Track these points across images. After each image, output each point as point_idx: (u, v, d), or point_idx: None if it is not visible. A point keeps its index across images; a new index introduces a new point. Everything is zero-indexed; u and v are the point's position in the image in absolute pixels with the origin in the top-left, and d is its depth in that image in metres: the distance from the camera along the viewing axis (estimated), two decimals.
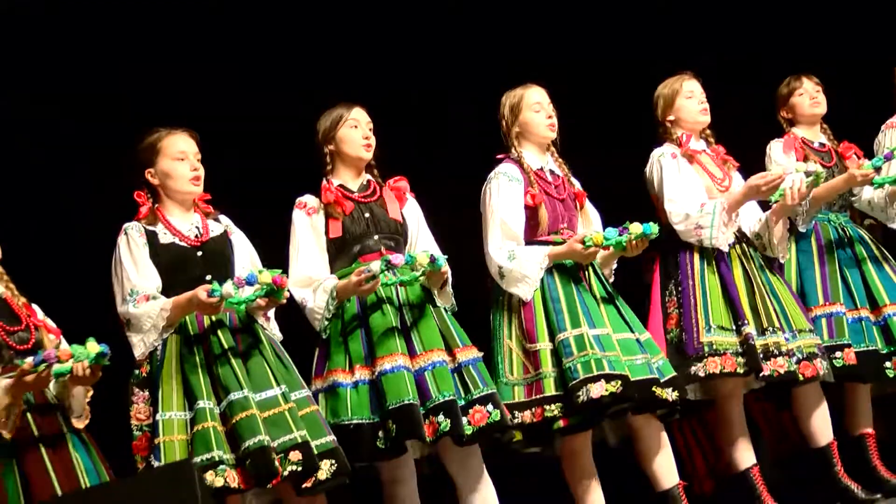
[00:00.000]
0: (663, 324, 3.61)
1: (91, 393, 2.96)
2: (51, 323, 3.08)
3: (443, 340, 3.15)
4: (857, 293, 3.74)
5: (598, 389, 3.06)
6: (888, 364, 3.65)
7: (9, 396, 2.71)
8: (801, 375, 3.46)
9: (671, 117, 3.81)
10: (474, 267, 3.65)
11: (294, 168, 4.74)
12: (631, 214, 3.93)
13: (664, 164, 3.66)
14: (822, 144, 3.90)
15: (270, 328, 3.19)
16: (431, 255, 3.18)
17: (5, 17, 5.06)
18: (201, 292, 2.96)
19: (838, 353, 3.68)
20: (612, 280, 3.53)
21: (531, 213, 3.41)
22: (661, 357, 3.36)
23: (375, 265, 3.15)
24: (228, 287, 2.93)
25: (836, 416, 3.88)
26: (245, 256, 3.27)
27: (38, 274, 4.01)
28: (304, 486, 2.92)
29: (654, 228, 3.34)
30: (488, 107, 6.23)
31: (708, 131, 3.95)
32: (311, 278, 3.19)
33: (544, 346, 3.22)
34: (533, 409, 3.17)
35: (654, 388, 3.19)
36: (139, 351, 3.00)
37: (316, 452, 2.94)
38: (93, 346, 2.76)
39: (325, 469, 2.92)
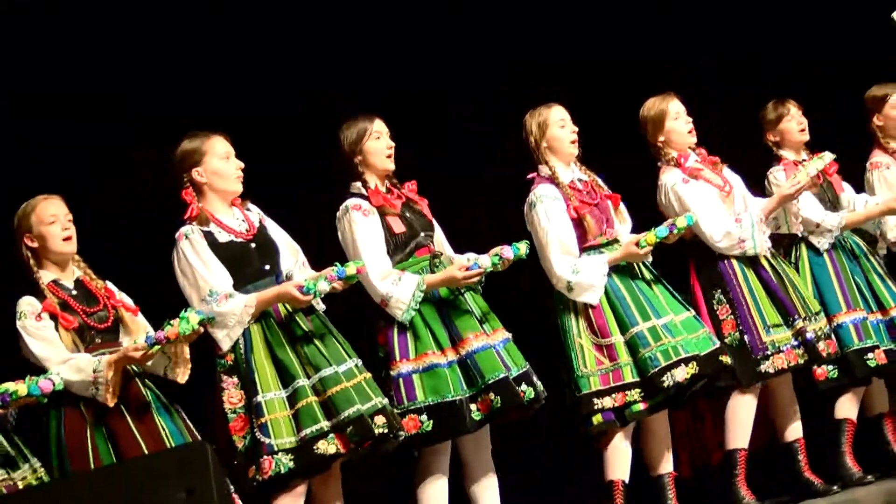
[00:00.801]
0: (716, 330, 3.95)
1: (188, 350, 3.22)
2: (129, 301, 3.38)
3: (499, 322, 3.58)
4: (868, 296, 4.10)
5: (681, 374, 3.52)
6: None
7: (111, 370, 3.05)
8: (829, 351, 3.84)
9: (662, 138, 4.11)
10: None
11: (294, 167, 4.75)
12: (632, 210, 4.28)
13: (680, 191, 3.95)
14: (805, 161, 4.26)
15: (320, 305, 3.48)
16: (527, 243, 3.54)
17: (5, 17, 5.05)
18: (294, 290, 3.27)
19: (870, 354, 4.01)
20: (650, 259, 3.91)
21: (576, 224, 3.75)
22: (707, 329, 3.78)
23: (486, 260, 3.52)
24: (323, 284, 3.26)
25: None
26: (283, 239, 3.56)
27: None
28: (388, 447, 3.31)
29: (694, 218, 3.76)
30: (488, 107, 6.24)
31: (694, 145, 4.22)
32: (388, 271, 3.48)
33: (618, 339, 3.63)
34: (614, 395, 3.57)
35: (720, 357, 3.63)
36: (226, 345, 3.28)
37: (395, 415, 3.32)
38: (194, 318, 3.10)
39: (380, 425, 3.27)
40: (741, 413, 3.90)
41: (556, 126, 3.95)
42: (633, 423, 3.74)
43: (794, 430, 4.01)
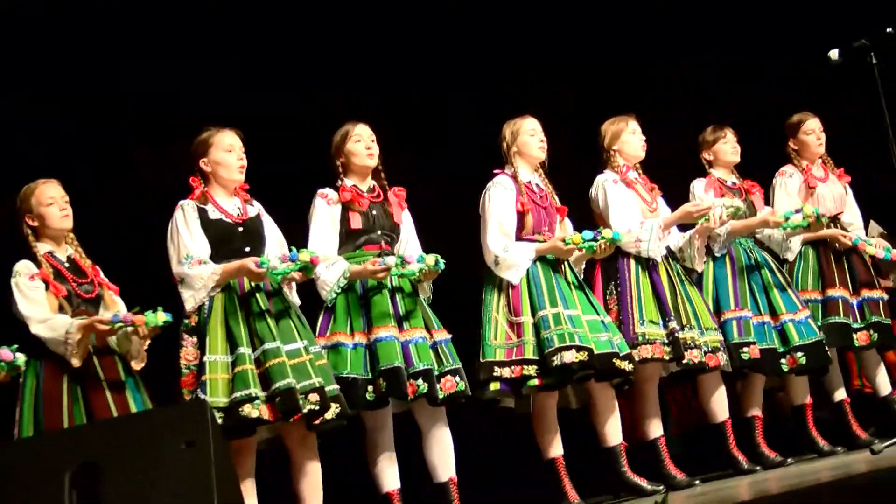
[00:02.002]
0: None
1: (148, 343, 3.64)
2: (109, 282, 3.77)
3: (423, 321, 3.89)
4: (761, 302, 4.57)
5: (569, 356, 3.88)
6: (783, 360, 4.50)
7: (80, 333, 3.43)
8: (707, 365, 4.27)
9: (616, 147, 4.52)
10: (472, 261, 4.33)
11: (294, 167, 4.75)
12: None
13: (608, 188, 4.42)
14: (734, 183, 4.74)
15: (292, 295, 3.84)
16: (437, 258, 3.89)
17: (5, 17, 5.06)
18: (251, 263, 3.60)
19: (745, 349, 4.46)
20: (581, 275, 4.37)
21: (520, 217, 4.17)
22: (620, 336, 4.17)
23: (391, 259, 3.85)
24: (275, 261, 3.60)
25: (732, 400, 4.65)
26: (273, 234, 3.89)
27: None
28: (315, 422, 3.57)
29: (620, 236, 4.16)
30: (488, 107, 6.25)
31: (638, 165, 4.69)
32: (327, 256, 3.85)
33: (527, 319, 4.02)
34: (513, 368, 3.97)
35: (614, 360, 4.02)
36: (189, 305, 3.63)
37: (328, 396, 3.59)
38: (161, 316, 3.51)
39: (332, 411, 3.58)
40: (716, 392, 4.46)
41: (527, 134, 4.32)
42: (551, 405, 4.11)
43: (656, 430, 4.37)
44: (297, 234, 4.08)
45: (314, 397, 3.54)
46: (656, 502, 3.04)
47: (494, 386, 3.99)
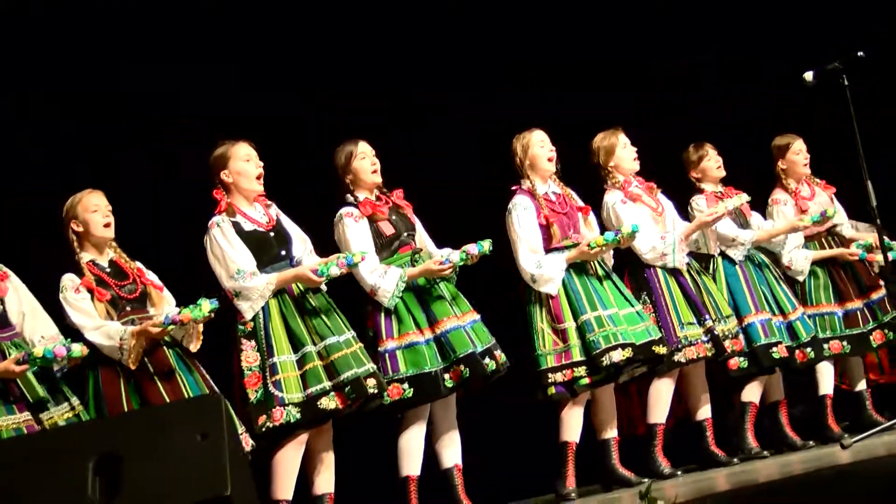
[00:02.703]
0: None
1: (202, 327, 3.88)
2: (156, 280, 4.01)
3: (469, 306, 4.27)
4: (771, 303, 4.92)
5: (617, 356, 4.26)
6: (796, 355, 4.84)
7: (134, 339, 3.70)
8: (734, 347, 4.68)
9: (612, 164, 4.81)
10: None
11: (293, 166, 4.76)
12: None
13: (618, 210, 4.73)
14: (721, 192, 5.11)
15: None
16: (490, 242, 4.22)
17: (5, 17, 5.06)
18: (309, 272, 3.92)
19: (774, 349, 4.79)
20: (611, 264, 4.67)
21: (545, 229, 4.46)
22: (650, 322, 4.53)
23: (456, 256, 4.21)
24: (334, 269, 3.91)
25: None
26: (295, 232, 4.18)
27: (40, 272, 4.08)
28: (374, 406, 3.96)
29: (638, 227, 4.50)
30: (488, 107, 6.26)
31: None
32: (376, 266, 4.15)
33: (570, 325, 4.36)
34: (564, 372, 4.32)
35: (653, 348, 4.37)
36: (249, 315, 3.90)
37: (384, 380, 3.98)
38: (205, 306, 3.73)
39: (371, 386, 3.90)
40: (661, 394, 4.65)
41: (537, 146, 4.57)
42: (586, 396, 4.44)
43: (704, 411, 4.76)
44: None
45: (371, 382, 3.90)
46: (640, 492, 3.25)
47: (551, 390, 4.35)
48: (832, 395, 5.11)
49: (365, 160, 4.35)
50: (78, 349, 3.67)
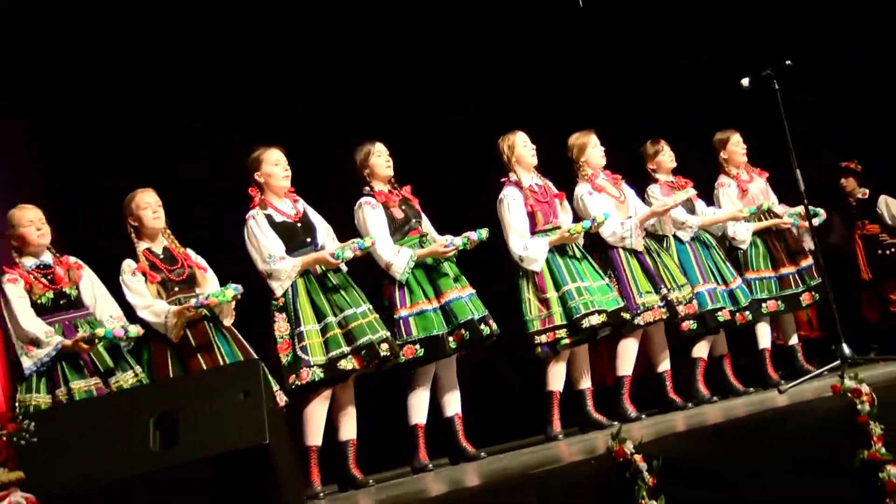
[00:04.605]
0: None
1: (234, 304, 4.49)
2: (202, 262, 4.63)
3: (465, 281, 4.95)
4: (715, 274, 5.69)
5: (595, 319, 5.02)
6: (736, 318, 5.58)
7: (175, 317, 4.36)
8: (687, 311, 5.42)
9: (583, 159, 5.52)
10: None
11: (293, 165, 4.78)
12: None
13: (586, 200, 5.47)
14: (673, 182, 5.84)
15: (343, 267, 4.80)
16: (487, 230, 4.94)
17: (5, 17, 5.08)
18: (328, 256, 4.58)
19: (719, 313, 5.54)
20: (583, 243, 5.44)
21: (530, 216, 5.17)
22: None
23: (458, 240, 4.89)
24: (348, 253, 4.54)
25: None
26: (320, 223, 4.80)
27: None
28: (386, 365, 4.60)
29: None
30: (488, 106, 6.28)
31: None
32: (391, 246, 4.84)
33: (552, 294, 5.10)
34: (547, 334, 5.05)
35: (622, 313, 5.16)
36: (279, 292, 4.56)
37: (396, 345, 4.65)
38: (228, 292, 4.39)
39: (384, 350, 4.56)
40: (627, 351, 5.38)
41: (521, 146, 5.25)
42: (567, 353, 5.19)
43: (664, 365, 5.51)
44: None
45: (385, 346, 4.56)
46: (612, 434, 3.61)
47: (537, 350, 5.07)
48: (770, 348, 5.86)
49: (381, 157, 4.98)
50: (134, 330, 4.29)
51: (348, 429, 4.68)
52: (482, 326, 4.80)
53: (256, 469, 3.15)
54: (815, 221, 5.48)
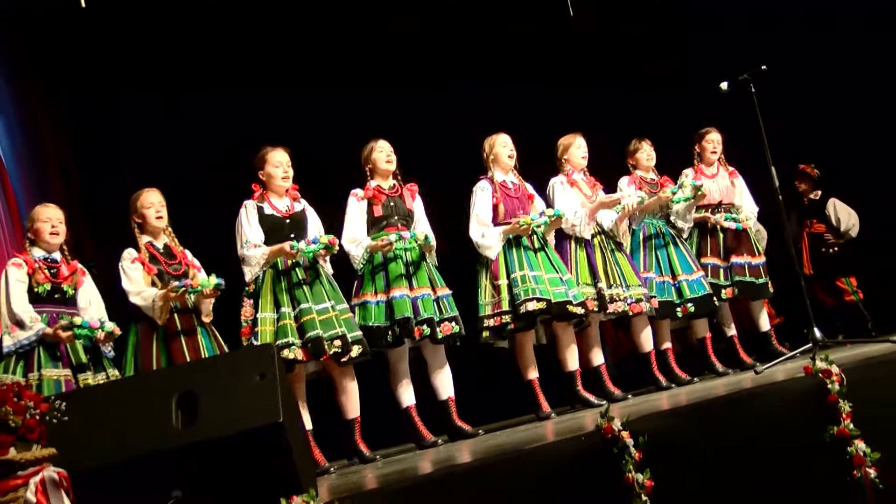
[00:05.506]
0: None
1: (213, 302, 4.75)
2: (196, 262, 4.89)
3: (429, 281, 5.11)
4: (663, 265, 5.98)
5: (531, 305, 5.19)
6: (678, 310, 5.87)
7: (161, 301, 4.59)
8: (630, 312, 5.66)
9: (566, 157, 5.79)
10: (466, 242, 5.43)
11: (294, 165, 4.92)
12: None
13: (556, 188, 5.76)
14: (653, 179, 6.13)
15: (326, 266, 4.98)
16: (426, 235, 5.14)
17: (5, 17, 5.15)
18: (286, 245, 4.78)
19: (678, 308, 5.92)
20: (550, 240, 5.57)
21: (494, 208, 5.43)
22: (576, 289, 5.45)
23: (392, 237, 5.03)
24: (302, 244, 4.76)
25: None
26: (314, 224, 5.02)
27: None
28: (342, 360, 4.78)
29: (560, 212, 5.45)
30: (487, 106, 6.40)
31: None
32: (356, 238, 5.08)
33: (503, 281, 5.33)
34: (495, 318, 5.28)
35: (567, 307, 5.29)
36: (248, 277, 4.80)
37: (350, 341, 4.79)
38: (212, 279, 4.62)
39: (356, 351, 4.77)
40: (574, 343, 5.53)
41: (500, 146, 5.52)
42: (528, 342, 5.36)
43: (598, 359, 5.66)
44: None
45: (337, 343, 4.73)
46: (601, 412, 3.82)
47: (485, 333, 5.29)
48: (736, 335, 6.17)
49: (381, 153, 5.22)
50: (110, 326, 4.55)
51: (352, 408, 4.89)
52: (423, 327, 4.91)
53: (271, 446, 3.32)
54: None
